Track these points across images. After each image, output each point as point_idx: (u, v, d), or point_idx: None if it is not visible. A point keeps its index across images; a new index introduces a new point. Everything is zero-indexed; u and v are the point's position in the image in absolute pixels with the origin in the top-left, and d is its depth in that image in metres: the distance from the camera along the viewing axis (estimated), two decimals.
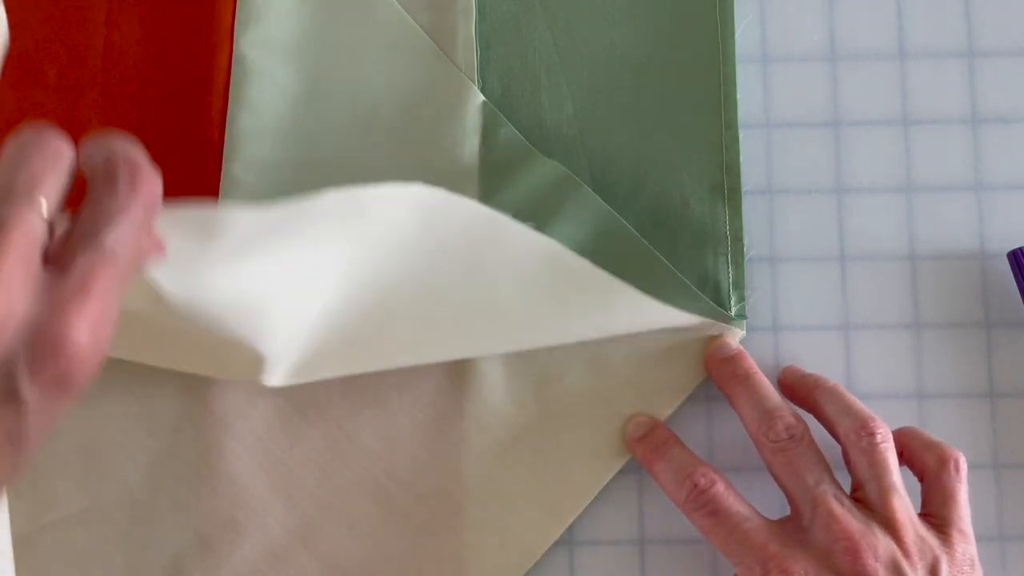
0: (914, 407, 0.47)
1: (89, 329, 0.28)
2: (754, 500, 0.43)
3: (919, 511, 0.42)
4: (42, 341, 0.27)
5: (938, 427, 0.47)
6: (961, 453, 0.43)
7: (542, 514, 0.45)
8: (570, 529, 0.46)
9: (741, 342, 0.46)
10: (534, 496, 0.46)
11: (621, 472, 0.46)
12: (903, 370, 0.47)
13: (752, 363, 0.45)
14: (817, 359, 0.47)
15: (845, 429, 0.43)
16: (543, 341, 0.45)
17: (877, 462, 0.42)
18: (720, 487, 0.42)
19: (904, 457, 0.44)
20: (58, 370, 0.27)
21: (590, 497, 0.46)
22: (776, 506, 0.45)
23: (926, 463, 0.43)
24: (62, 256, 0.29)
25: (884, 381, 0.47)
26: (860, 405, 0.43)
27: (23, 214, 0.27)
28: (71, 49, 0.50)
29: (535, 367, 0.46)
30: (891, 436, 0.43)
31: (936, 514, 0.42)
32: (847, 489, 0.42)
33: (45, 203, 0.28)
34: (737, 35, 0.49)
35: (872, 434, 0.42)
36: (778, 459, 0.42)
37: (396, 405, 0.46)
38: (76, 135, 0.49)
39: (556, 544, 0.46)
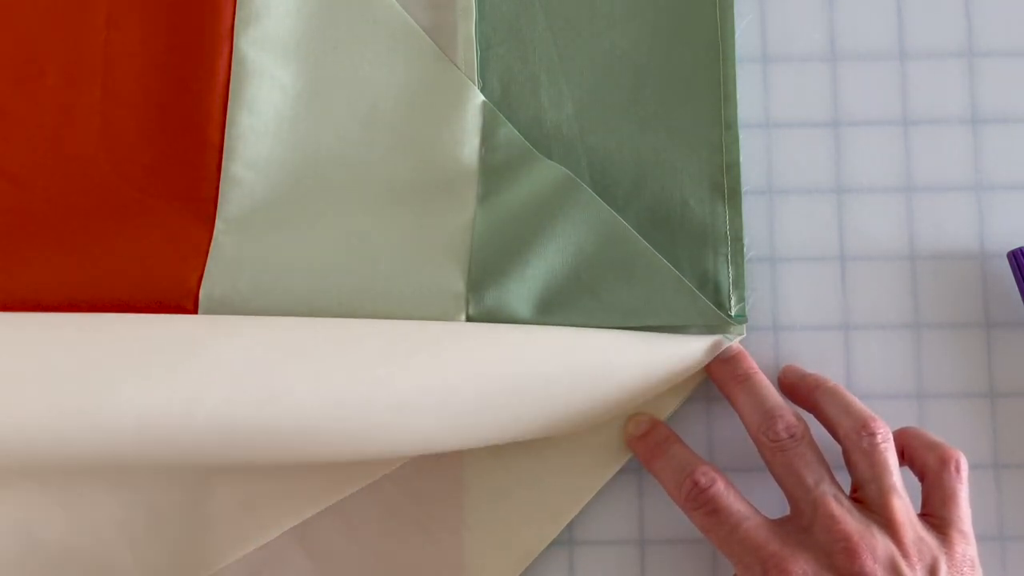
0: (914, 407, 0.47)
1: None
2: (754, 500, 0.42)
3: (919, 511, 0.42)
4: None
5: (938, 427, 0.46)
6: (962, 453, 0.42)
7: (542, 514, 0.45)
8: (570, 529, 0.46)
9: (741, 342, 0.46)
10: (534, 496, 0.45)
11: (621, 472, 0.46)
12: (903, 370, 0.47)
13: (752, 363, 0.45)
14: (817, 359, 0.47)
15: (845, 429, 0.42)
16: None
17: (877, 463, 0.41)
18: (720, 486, 0.42)
19: (905, 457, 0.44)
20: None
21: (590, 497, 0.45)
22: (776, 506, 0.44)
23: (927, 463, 0.42)
24: None
25: (884, 381, 0.47)
26: (860, 405, 0.43)
27: None
28: (71, 49, 0.49)
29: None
30: (891, 436, 0.42)
31: (936, 514, 0.41)
32: (847, 489, 0.42)
33: None
34: (737, 35, 0.49)
35: (873, 434, 0.42)
36: (778, 459, 0.42)
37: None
38: (76, 135, 0.49)
39: (556, 544, 0.46)
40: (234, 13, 0.49)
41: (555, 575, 0.46)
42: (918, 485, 0.43)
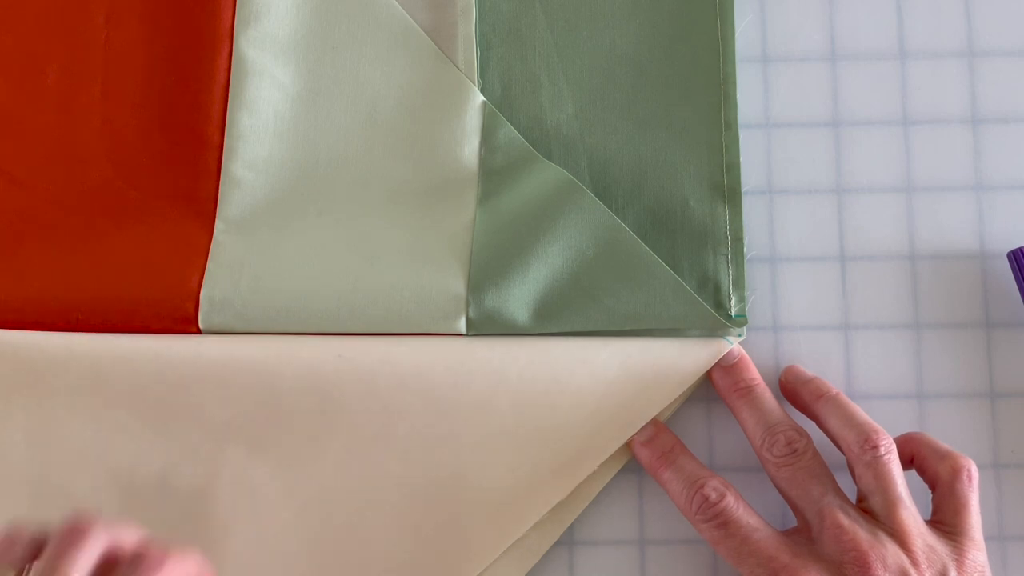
0: (914, 407, 0.46)
1: None
2: (754, 500, 0.42)
3: (929, 518, 0.41)
4: None
5: (938, 427, 0.45)
6: (972, 461, 0.41)
7: (544, 515, 0.44)
8: (570, 529, 0.45)
9: (741, 343, 0.45)
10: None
11: (621, 472, 0.45)
12: (903, 370, 0.46)
13: (754, 372, 0.44)
14: (817, 359, 0.46)
15: (848, 442, 0.42)
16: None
17: (882, 475, 0.41)
18: (730, 499, 0.41)
19: (915, 464, 0.43)
20: None
21: (590, 497, 0.45)
22: (777, 506, 0.44)
23: (939, 474, 0.42)
24: None
25: (884, 381, 0.46)
26: (862, 416, 0.42)
27: None
28: (71, 49, 0.49)
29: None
30: (895, 447, 0.41)
31: (948, 523, 0.40)
32: (852, 496, 0.42)
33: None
34: (737, 35, 0.48)
35: (875, 447, 0.41)
36: (782, 474, 0.42)
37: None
38: (76, 135, 0.48)
39: (556, 544, 0.45)
40: (234, 13, 0.48)
41: (555, 575, 0.45)
42: (923, 489, 0.42)
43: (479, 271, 0.45)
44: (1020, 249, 0.46)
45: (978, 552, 0.40)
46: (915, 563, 0.38)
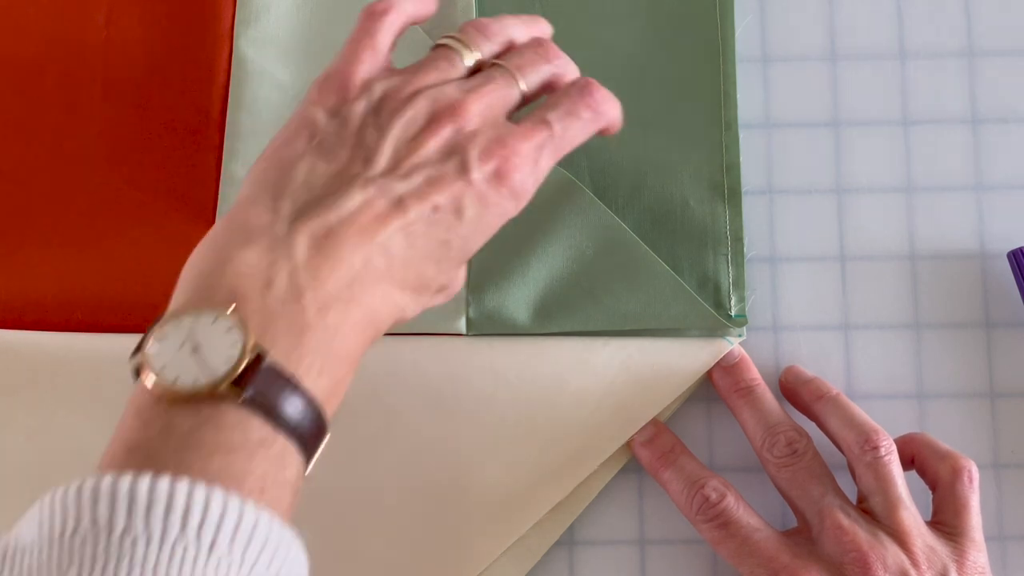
0: (914, 407, 0.46)
1: (523, 146, 0.36)
2: (754, 500, 0.42)
3: (929, 518, 0.41)
4: (493, 137, 0.36)
5: (938, 427, 0.45)
6: (973, 462, 0.41)
7: (545, 514, 0.44)
8: (570, 529, 0.45)
9: (741, 343, 0.45)
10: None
11: (621, 472, 0.45)
12: (903, 370, 0.46)
13: (755, 373, 0.44)
14: (817, 359, 0.46)
15: (848, 443, 0.42)
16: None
17: (882, 476, 0.40)
18: (730, 499, 0.41)
19: (915, 465, 0.43)
20: (497, 162, 0.35)
21: (590, 497, 0.44)
22: (777, 506, 0.44)
23: (939, 474, 0.41)
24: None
25: (884, 381, 0.46)
26: (862, 416, 0.42)
27: (503, 83, 0.38)
28: (71, 49, 0.49)
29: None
30: (895, 448, 0.41)
31: (948, 523, 0.40)
32: (853, 496, 0.42)
33: (524, 82, 0.38)
34: (737, 35, 0.48)
35: (876, 448, 0.41)
36: (783, 474, 0.42)
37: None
38: (76, 135, 0.48)
39: (556, 544, 0.44)
40: (234, 13, 0.48)
41: (555, 575, 0.45)
42: (924, 489, 0.42)
43: (479, 271, 0.45)
44: (1020, 249, 0.46)
45: (978, 553, 0.40)
46: (915, 564, 0.38)
